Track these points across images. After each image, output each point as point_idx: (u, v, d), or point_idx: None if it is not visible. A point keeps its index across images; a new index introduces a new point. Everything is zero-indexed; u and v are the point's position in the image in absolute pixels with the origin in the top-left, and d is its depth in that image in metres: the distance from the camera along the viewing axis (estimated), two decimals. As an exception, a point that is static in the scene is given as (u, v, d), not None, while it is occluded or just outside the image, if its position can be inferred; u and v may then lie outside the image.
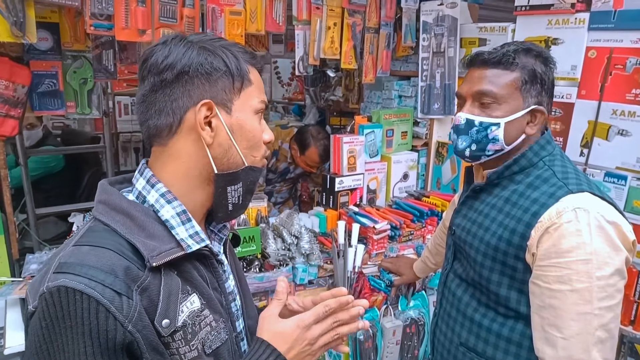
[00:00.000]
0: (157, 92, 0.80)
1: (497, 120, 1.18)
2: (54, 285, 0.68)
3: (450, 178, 2.49)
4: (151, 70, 0.80)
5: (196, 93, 0.80)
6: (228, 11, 1.90)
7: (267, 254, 1.85)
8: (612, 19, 1.81)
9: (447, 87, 2.39)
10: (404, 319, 1.98)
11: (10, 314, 1.61)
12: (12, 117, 1.81)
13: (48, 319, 0.68)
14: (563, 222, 1.05)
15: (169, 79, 0.79)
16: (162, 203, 0.82)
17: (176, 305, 0.78)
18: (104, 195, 0.82)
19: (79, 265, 0.70)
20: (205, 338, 0.82)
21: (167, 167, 0.83)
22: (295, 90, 4.37)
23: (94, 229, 0.78)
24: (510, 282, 1.17)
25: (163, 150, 0.83)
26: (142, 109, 0.82)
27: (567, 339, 1.03)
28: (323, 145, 2.71)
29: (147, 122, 0.82)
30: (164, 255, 0.78)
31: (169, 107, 0.80)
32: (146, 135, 0.84)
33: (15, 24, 1.55)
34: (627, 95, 1.79)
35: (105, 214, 0.79)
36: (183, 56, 0.79)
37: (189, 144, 0.82)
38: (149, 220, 0.79)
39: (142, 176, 0.84)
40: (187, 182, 0.84)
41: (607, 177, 1.86)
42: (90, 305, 0.68)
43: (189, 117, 0.80)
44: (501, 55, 1.17)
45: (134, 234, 0.77)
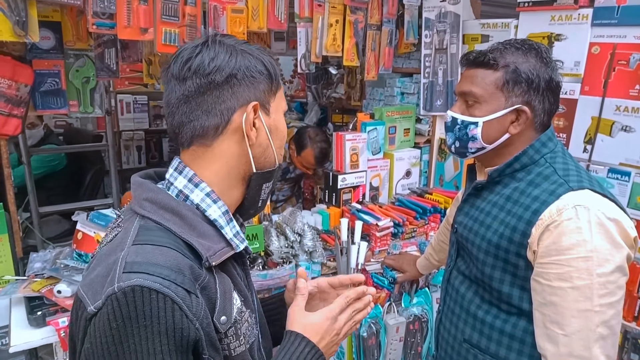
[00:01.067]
0: (205, 93, 0.81)
1: (475, 119, 1.21)
2: (127, 285, 0.68)
3: (453, 175, 2.49)
4: (197, 72, 0.80)
5: (243, 95, 0.82)
6: (230, 9, 1.90)
7: (270, 252, 1.86)
8: (616, 14, 1.80)
9: (449, 83, 2.38)
10: (407, 316, 1.98)
11: (14, 312, 1.61)
12: (15, 116, 1.82)
13: (120, 319, 0.67)
14: (563, 219, 1.05)
15: (218, 81, 0.80)
16: (209, 203, 0.83)
17: (231, 302, 0.81)
18: (150, 193, 0.82)
19: (149, 265, 0.71)
20: (246, 333, 0.86)
21: (211, 167, 0.84)
22: (297, 88, 4.37)
23: (148, 227, 0.78)
24: (513, 279, 1.17)
25: (206, 151, 0.84)
26: (185, 109, 0.82)
27: (568, 336, 1.04)
28: (319, 147, 2.70)
29: (192, 122, 0.82)
30: (220, 254, 0.80)
31: (218, 108, 0.81)
32: (189, 135, 0.83)
33: (17, 23, 1.55)
34: (631, 91, 1.79)
35: (154, 213, 0.79)
36: (230, 59, 0.81)
37: (233, 145, 0.84)
38: (197, 220, 0.81)
39: (182, 175, 0.84)
40: (228, 181, 0.86)
41: (610, 174, 1.85)
42: (166, 304, 0.68)
43: (235, 119, 0.82)
44: (483, 55, 1.19)
45: (187, 233, 0.78)
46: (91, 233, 1.76)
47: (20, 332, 1.52)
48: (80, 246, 1.76)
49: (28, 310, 1.57)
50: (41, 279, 1.67)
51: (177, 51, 0.84)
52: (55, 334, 1.51)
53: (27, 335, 1.51)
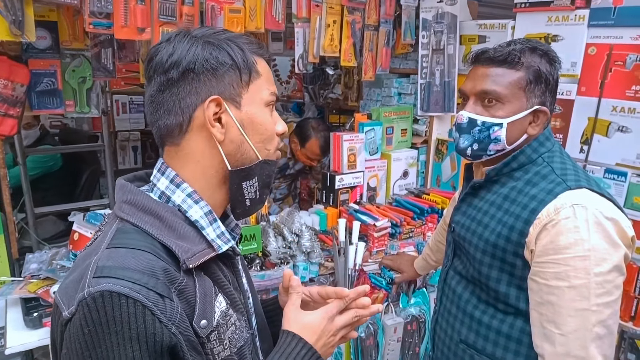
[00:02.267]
0: (164, 91, 0.78)
1: (499, 120, 1.17)
2: (96, 290, 0.66)
3: (450, 175, 2.49)
4: (157, 70, 0.78)
5: (203, 90, 0.78)
6: (227, 9, 1.90)
7: (268, 252, 1.85)
8: (612, 15, 1.81)
9: (446, 84, 2.39)
10: (405, 316, 1.98)
11: (10, 313, 1.60)
12: (11, 116, 1.81)
13: (91, 325, 0.66)
14: (561, 218, 1.05)
15: (175, 77, 0.77)
16: (190, 203, 0.81)
17: (212, 305, 0.78)
18: (129, 195, 0.80)
19: (120, 269, 0.69)
20: (232, 337, 0.83)
21: (185, 167, 0.82)
22: (294, 88, 4.37)
23: (124, 230, 0.76)
24: (510, 278, 1.17)
25: (177, 150, 0.82)
26: (150, 109, 0.81)
27: (565, 335, 1.04)
28: (324, 137, 2.69)
29: (157, 122, 0.80)
30: (198, 256, 0.77)
31: (177, 106, 0.78)
32: (157, 135, 0.82)
33: (14, 23, 1.55)
34: (627, 92, 1.79)
35: (132, 215, 0.77)
36: (187, 53, 0.77)
37: (201, 142, 0.80)
38: (177, 221, 0.78)
39: (165, 176, 0.82)
40: (205, 181, 0.83)
41: (607, 174, 1.86)
42: (137, 309, 0.67)
43: (198, 115, 0.79)
44: (507, 53, 1.15)
45: (165, 236, 0.76)
46: (87, 234, 1.75)
47: (16, 333, 1.51)
48: (77, 247, 1.75)
49: (24, 311, 1.56)
50: (37, 280, 1.66)
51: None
52: (51, 335, 1.50)
53: (23, 337, 1.50)
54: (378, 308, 0.95)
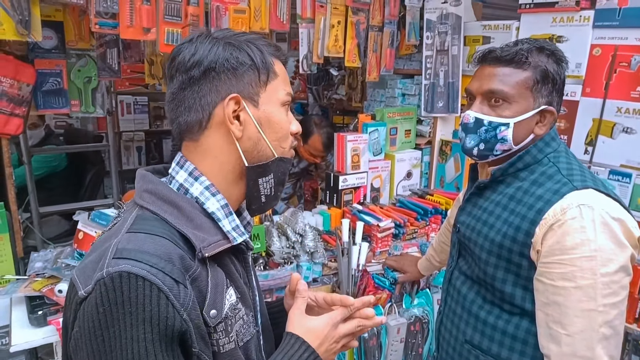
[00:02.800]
0: (186, 89, 0.81)
1: (506, 120, 1.17)
2: (115, 271, 0.68)
3: (454, 176, 2.49)
4: (179, 69, 0.81)
5: (223, 88, 0.81)
6: (232, 9, 1.90)
7: (271, 252, 1.85)
8: (617, 16, 1.80)
9: (450, 85, 2.39)
10: (408, 317, 1.97)
11: (15, 312, 1.61)
12: (16, 116, 1.81)
13: (107, 304, 0.67)
14: (567, 218, 1.05)
15: (197, 76, 0.80)
16: (207, 195, 0.83)
17: (222, 296, 0.80)
18: (150, 185, 0.82)
19: (139, 252, 0.71)
20: (239, 331, 0.84)
21: (203, 162, 0.84)
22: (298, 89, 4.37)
23: (144, 217, 0.78)
24: (515, 279, 1.17)
25: (196, 146, 0.84)
26: (172, 106, 0.84)
27: (572, 336, 1.03)
28: (326, 132, 2.69)
29: (178, 119, 0.83)
30: (214, 246, 0.79)
31: (198, 103, 0.81)
32: (177, 131, 0.85)
33: (20, 22, 1.55)
34: (632, 93, 1.79)
35: (152, 204, 0.80)
36: (209, 53, 0.80)
37: (220, 139, 0.83)
38: (195, 212, 0.81)
39: (183, 169, 0.85)
40: (223, 176, 0.85)
41: (611, 175, 1.86)
42: (152, 292, 0.68)
43: (217, 113, 0.82)
44: (514, 53, 1.15)
45: (183, 225, 0.78)
46: (92, 233, 1.75)
47: (21, 331, 1.52)
48: (81, 246, 1.76)
49: (29, 309, 1.56)
50: (42, 279, 1.66)
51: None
52: (56, 333, 1.50)
53: (28, 335, 1.50)
54: (382, 320, 0.98)
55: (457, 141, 2.47)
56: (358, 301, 0.94)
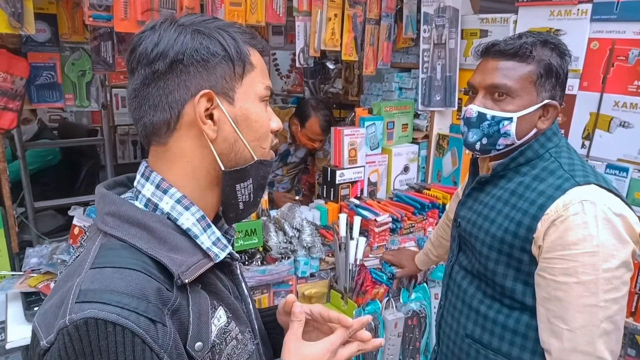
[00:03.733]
0: (150, 85, 0.71)
1: (509, 114, 1.16)
2: (79, 318, 0.59)
3: (451, 170, 2.49)
4: (141, 61, 0.70)
5: (193, 83, 0.71)
6: (228, 2, 1.88)
7: (268, 247, 1.85)
8: (615, 10, 1.80)
9: (447, 79, 2.38)
10: (406, 312, 1.98)
11: (11, 308, 1.60)
12: (10, 110, 1.80)
13: (72, 356, 0.59)
14: (570, 214, 1.05)
15: (162, 69, 0.70)
16: (180, 210, 0.73)
17: (207, 324, 0.72)
18: (112, 206, 0.71)
19: (106, 292, 0.62)
20: (232, 353, 0.76)
21: (173, 169, 0.74)
22: (295, 83, 4.35)
23: (109, 246, 0.68)
24: (516, 274, 1.17)
25: (164, 150, 0.74)
26: (134, 105, 0.73)
27: (573, 331, 1.04)
28: (324, 115, 2.65)
29: (142, 119, 0.73)
30: (194, 269, 0.70)
31: (164, 101, 0.71)
32: (143, 134, 0.74)
33: (13, 15, 1.53)
34: (629, 87, 1.79)
35: (117, 228, 0.69)
36: (175, 42, 0.69)
37: (191, 141, 0.73)
38: (168, 231, 0.71)
39: (149, 181, 0.74)
40: (195, 183, 0.76)
41: (608, 169, 1.86)
42: (125, 337, 0.60)
43: (187, 111, 0.71)
44: (518, 46, 1.13)
45: (156, 249, 0.68)
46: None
47: (17, 328, 1.51)
48: (77, 241, 1.75)
49: (25, 305, 1.56)
50: (38, 275, 1.65)
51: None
52: (52, 329, 1.50)
53: (24, 331, 1.50)
54: (380, 342, 0.90)
55: (454, 135, 2.46)
56: (357, 322, 0.85)
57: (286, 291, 1.87)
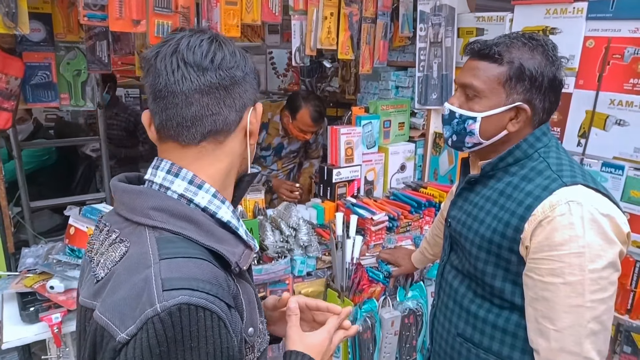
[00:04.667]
0: (228, 88, 0.78)
1: (474, 114, 1.18)
2: (173, 304, 0.61)
3: (448, 169, 2.49)
4: (221, 65, 0.76)
5: (252, 94, 0.82)
6: (224, 1, 1.88)
7: (265, 246, 1.85)
8: (611, 8, 1.80)
9: (444, 77, 2.38)
10: (402, 310, 1.98)
11: (7, 308, 1.60)
12: (5, 110, 1.79)
13: (164, 344, 0.61)
14: (556, 215, 1.05)
15: (238, 77, 0.79)
16: (218, 204, 0.78)
17: (255, 312, 0.78)
18: (156, 200, 0.74)
19: (190, 279, 0.65)
20: (261, 342, 0.83)
21: (216, 165, 0.80)
22: (291, 81, 4.35)
23: (166, 239, 0.71)
24: (505, 274, 1.17)
25: (216, 147, 0.79)
26: (207, 101, 0.76)
27: (560, 331, 1.04)
28: (314, 105, 2.64)
29: (214, 116, 0.77)
30: (245, 258, 0.77)
31: (238, 104, 0.79)
32: (207, 129, 0.77)
33: (7, 15, 1.52)
34: (625, 85, 1.79)
35: (167, 222, 0.72)
36: (244, 59, 0.80)
37: (238, 143, 0.82)
38: (212, 225, 0.75)
39: (180, 177, 0.77)
40: (227, 180, 0.83)
41: (604, 167, 1.86)
42: (213, 322, 0.64)
43: (245, 116, 0.81)
44: (489, 48, 1.14)
45: (208, 241, 0.73)
46: (84, 228, 1.74)
47: (13, 328, 1.51)
48: (73, 241, 1.75)
49: (20, 306, 1.55)
50: (33, 275, 1.65)
51: (179, 38, 0.76)
52: (48, 330, 1.50)
53: (20, 332, 1.50)
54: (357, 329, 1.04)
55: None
56: (344, 312, 0.97)
57: (283, 290, 1.87)
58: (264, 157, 2.94)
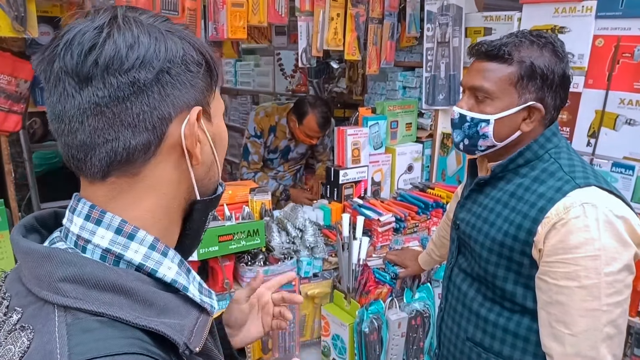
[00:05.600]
0: (127, 99, 0.54)
1: (487, 116, 1.16)
2: None
3: (456, 169, 2.47)
4: (110, 67, 0.53)
5: (180, 98, 0.57)
6: (230, 3, 1.88)
7: (271, 248, 1.85)
8: (620, 6, 1.78)
9: (451, 77, 2.37)
10: (409, 311, 1.97)
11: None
12: (15, 113, 1.81)
13: None
14: (571, 217, 1.03)
15: (145, 80, 0.54)
16: (157, 258, 0.58)
17: None
18: (70, 269, 0.53)
19: None
20: None
21: (141, 205, 0.59)
22: (299, 82, 4.34)
23: (81, 327, 0.50)
24: (516, 277, 1.16)
25: (132, 183, 0.58)
26: (96, 124, 0.54)
27: (575, 336, 1.02)
28: (321, 112, 2.66)
29: (110, 143, 0.55)
30: (198, 332, 0.58)
31: (148, 119, 0.55)
32: (105, 162, 0.55)
33: (16, 19, 1.54)
34: (635, 84, 1.77)
35: (84, 299, 0.52)
36: (157, 47, 0.55)
37: (171, 168, 0.59)
38: (150, 290, 0.56)
39: (104, 225, 0.56)
40: (167, 219, 0.61)
41: (614, 167, 1.84)
42: None
43: (171, 132, 0.57)
44: (498, 48, 1.12)
45: (144, 317, 0.53)
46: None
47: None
48: None
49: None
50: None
51: (64, 32, 0.54)
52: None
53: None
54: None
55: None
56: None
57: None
58: (271, 159, 2.95)
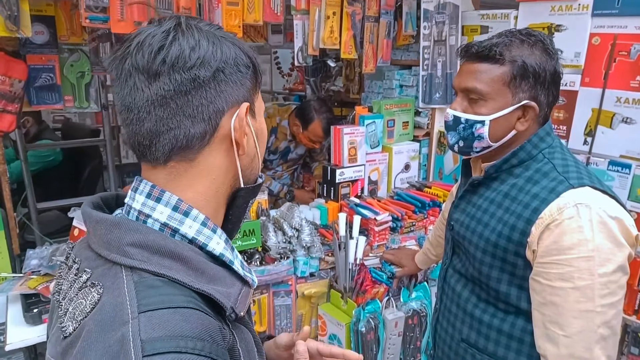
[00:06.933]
0: (189, 93, 0.62)
1: (482, 117, 1.15)
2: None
3: (453, 168, 2.47)
4: (176, 65, 0.62)
5: (232, 95, 0.66)
6: (225, 1, 1.87)
7: (267, 247, 1.84)
8: (616, 4, 1.77)
9: (448, 76, 2.36)
10: (406, 311, 1.97)
11: (11, 310, 1.61)
12: (9, 112, 1.80)
13: None
14: (564, 218, 1.03)
15: (204, 77, 0.63)
16: (208, 234, 0.66)
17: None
18: (135, 235, 0.61)
19: (175, 339, 0.53)
20: None
21: (195, 187, 0.67)
22: (296, 81, 4.34)
23: (147, 283, 0.58)
24: (511, 278, 1.15)
25: (189, 167, 0.66)
26: (161, 114, 0.63)
27: (570, 337, 1.02)
28: (327, 118, 2.67)
29: (173, 131, 0.63)
30: (242, 300, 0.65)
31: (205, 112, 0.64)
32: (167, 147, 0.64)
33: (9, 18, 1.53)
34: (632, 83, 1.76)
35: (148, 261, 0.60)
36: (215, 50, 0.64)
37: (221, 156, 0.68)
38: (202, 260, 0.63)
39: (162, 203, 0.65)
40: (215, 202, 0.70)
41: (611, 166, 1.84)
42: None
43: (223, 124, 0.66)
44: (488, 48, 1.12)
45: (197, 281, 0.61)
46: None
47: (17, 329, 1.52)
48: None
49: (24, 307, 1.57)
50: (37, 276, 1.66)
51: (135, 35, 0.64)
52: (51, 331, 1.50)
53: (24, 333, 1.51)
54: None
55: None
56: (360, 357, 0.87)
57: (285, 291, 1.87)
58: (271, 160, 2.96)
